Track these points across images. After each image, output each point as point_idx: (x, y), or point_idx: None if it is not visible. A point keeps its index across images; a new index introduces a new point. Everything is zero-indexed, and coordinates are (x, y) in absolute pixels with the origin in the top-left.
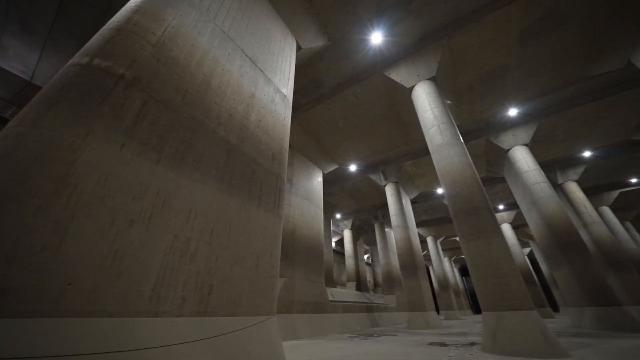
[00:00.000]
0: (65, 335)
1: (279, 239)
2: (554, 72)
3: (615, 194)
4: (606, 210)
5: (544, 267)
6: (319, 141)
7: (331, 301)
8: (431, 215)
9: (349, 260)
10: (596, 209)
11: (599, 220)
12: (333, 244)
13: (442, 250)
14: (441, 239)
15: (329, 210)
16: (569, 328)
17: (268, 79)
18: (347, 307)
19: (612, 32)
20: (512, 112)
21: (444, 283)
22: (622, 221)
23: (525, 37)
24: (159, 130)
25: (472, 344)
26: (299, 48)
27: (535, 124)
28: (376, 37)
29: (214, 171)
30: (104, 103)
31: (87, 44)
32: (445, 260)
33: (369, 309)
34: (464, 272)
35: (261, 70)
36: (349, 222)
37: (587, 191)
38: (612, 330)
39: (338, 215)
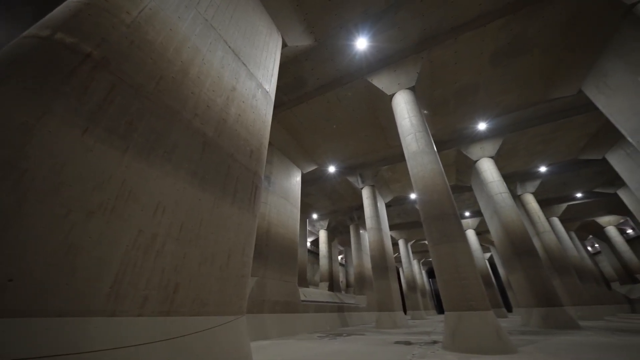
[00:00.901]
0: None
1: (253, 237)
2: (518, 93)
3: (563, 206)
4: (555, 221)
5: (501, 270)
6: (299, 140)
7: (303, 301)
8: (404, 219)
9: (323, 261)
10: (548, 219)
11: (549, 229)
12: (308, 244)
13: (412, 252)
14: (412, 242)
15: (305, 210)
16: (519, 327)
17: (251, 74)
18: (318, 307)
19: (567, 62)
20: (482, 126)
21: (412, 284)
22: (567, 231)
23: (495, 58)
24: (128, 117)
25: (434, 342)
26: (284, 45)
27: (500, 139)
28: (361, 43)
29: (187, 164)
30: (65, 83)
31: (49, 16)
32: (415, 263)
33: (340, 309)
34: (430, 274)
35: (244, 64)
36: (325, 223)
37: (541, 203)
38: (554, 328)
39: (315, 216)
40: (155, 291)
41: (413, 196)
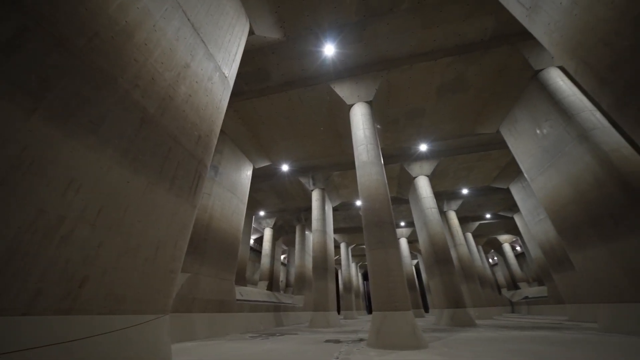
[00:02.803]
0: None
1: (188, 230)
2: (454, 124)
3: (476, 224)
4: (469, 236)
5: (424, 275)
6: (255, 134)
7: (238, 300)
8: (348, 223)
9: (265, 259)
10: (464, 234)
11: (464, 243)
12: (252, 242)
13: (352, 256)
14: (353, 245)
15: (253, 207)
16: (432, 325)
17: (210, 54)
18: (254, 307)
19: (492, 105)
20: (423, 147)
21: (349, 286)
22: (477, 245)
23: (441, 90)
24: (41, 71)
25: (361, 340)
26: (251, 32)
27: (436, 161)
28: (329, 49)
29: (118, 140)
30: None
31: None
32: (353, 266)
33: (277, 308)
34: (365, 276)
35: (203, 42)
36: (271, 221)
37: (460, 219)
38: (459, 326)
39: (262, 213)
40: (53, 285)
41: (359, 203)
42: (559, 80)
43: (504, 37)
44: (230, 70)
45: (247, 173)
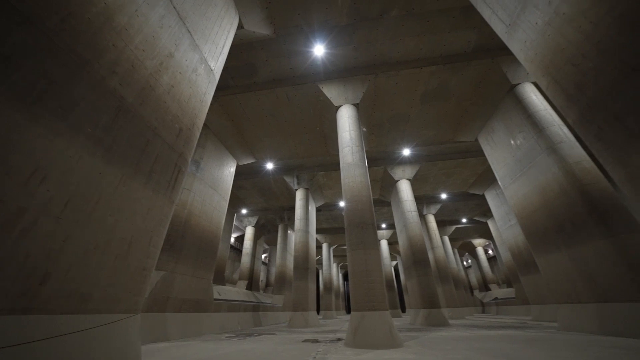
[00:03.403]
0: None
1: (165, 226)
2: (435, 131)
3: (453, 228)
4: (446, 239)
5: (402, 277)
6: (240, 129)
7: (216, 299)
8: (331, 224)
9: (246, 258)
10: (441, 237)
11: (441, 245)
12: (232, 240)
13: (334, 256)
14: (334, 246)
15: (235, 204)
16: (408, 325)
17: (195, 45)
18: (231, 306)
19: (472, 114)
20: (406, 152)
21: (329, 286)
22: (453, 248)
23: (425, 97)
24: (4, 48)
25: (339, 339)
26: (240, 26)
27: (418, 166)
28: (319, 50)
29: (91, 129)
30: None
31: None
32: (334, 266)
33: (255, 308)
34: (346, 277)
35: (189, 32)
36: (254, 220)
37: (438, 223)
38: (433, 326)
39: (244, 211)
40: (8, 282)
41: (342, 204)
42: (532, 95)
43: (485, 50)
44: (217, 63)
45: (230, 169)
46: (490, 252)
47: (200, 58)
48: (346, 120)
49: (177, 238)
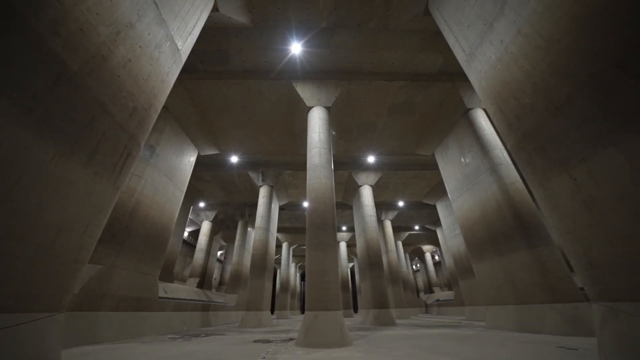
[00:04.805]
0: None
1: (106, 214)
2: (399, 142)
3: (406, 234)
4: (399, 244)
5: (357, 278)
6: (205, 117)
7: (161, 298)
8: (293, 223)
9: (199, 254)
10: (395, 242)
11: (394, 250)
12: (186, 234)
13: (293, 256)
14: (294, 246)
15: (192, 196)
16: (359, 324)
17: (162, 19)
18: (178, 305)
19: (431, 131)
20: (370, 159)
21: (286, 286)
22: (405, 252)
23: (392, 109)
24: None
25: (290, 339)
26: (215, 9)
27: (380, 173)
28: (296, 47)
29: (18, 93)
30: None
31: None
32: (293, 266)
33: (205, 307)
34: (303, 277)
35: (155, 3)
36: (211, 214)
37: (394, 229)
38: (382, 325)
39: (202, 204)
40: None
41: (306, 204)
42: (482, 120)
43: (448, 74)
44: (185, 43)
45: (190, 159)
46: (436, 257)
47: (166, 34)
48: (317, 122)
49: (121, 228)
